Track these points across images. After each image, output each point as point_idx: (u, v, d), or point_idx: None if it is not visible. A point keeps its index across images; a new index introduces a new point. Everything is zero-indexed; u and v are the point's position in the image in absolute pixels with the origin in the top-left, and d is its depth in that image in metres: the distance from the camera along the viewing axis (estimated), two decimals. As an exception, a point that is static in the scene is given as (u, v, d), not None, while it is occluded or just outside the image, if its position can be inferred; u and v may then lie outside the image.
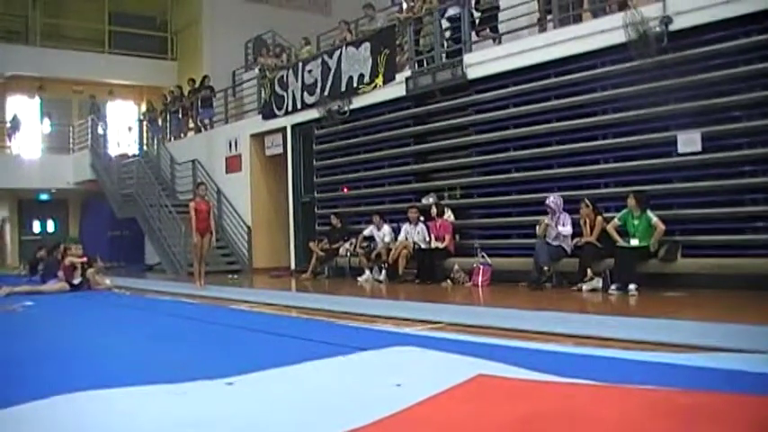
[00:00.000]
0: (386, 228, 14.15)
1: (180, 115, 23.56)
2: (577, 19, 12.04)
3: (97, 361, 5.48)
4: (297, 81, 17.27)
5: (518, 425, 2.98)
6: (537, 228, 11.18)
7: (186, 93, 23.22)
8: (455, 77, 13.27)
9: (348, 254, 14.96)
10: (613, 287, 9.79)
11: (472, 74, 13.05)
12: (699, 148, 10.06)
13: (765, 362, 4.27)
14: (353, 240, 14.90)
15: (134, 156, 24.11)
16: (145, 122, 25.35)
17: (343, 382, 4.16)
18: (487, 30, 13.51)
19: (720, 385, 3.56)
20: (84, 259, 13.70)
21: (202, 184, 15.03)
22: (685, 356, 4.63)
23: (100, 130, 24.94)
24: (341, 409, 3.44)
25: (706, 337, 5.40)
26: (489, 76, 12.82)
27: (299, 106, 17.29)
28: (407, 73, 14.38)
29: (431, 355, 4.84)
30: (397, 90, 14.58)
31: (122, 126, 26.49)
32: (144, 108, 26.25)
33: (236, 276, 17.08)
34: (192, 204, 14.00)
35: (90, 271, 13.64)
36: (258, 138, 19.32)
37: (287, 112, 17.75)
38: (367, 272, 14.11)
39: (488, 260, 12.07)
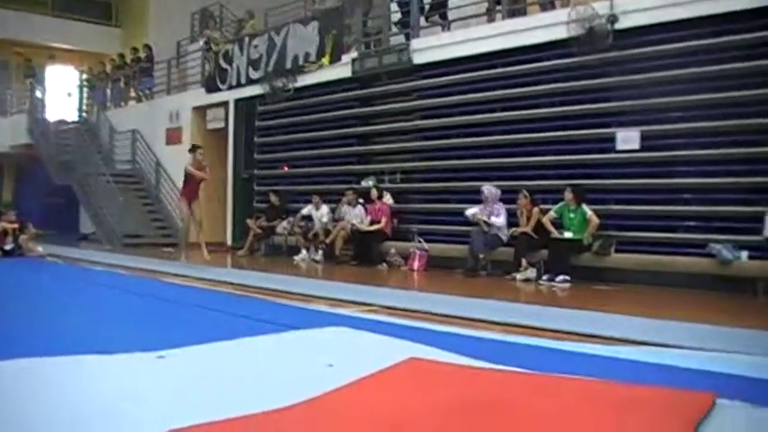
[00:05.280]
0: (324, 208, 14.02)
1: (122, 84, 23.06)
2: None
3: (27, 328, 5.34)
4: (242, 56, 16.99)
5: (448, 408, 2.96)
6: (466, 212, 11.23)
7: (129, 61, 22.75)
8: (401, 62, 13.18)
9: (285, 232, 14.82)
10: (546, 278, 9.87)
11: (419, 59, 12.98)
12: (637, 146, 10.15)
13: (690, 357, 4.33)
14: (291, 219, 14.76)
15: (73, 122, 23.53)
16: (85, 89, 24.80)
17: (275, 360, 4.12)
18: (437, 16, 13.46)
19: (646, 378, 3.59)
20: (17, 225, 13.37)
21: (200, 147, 13.47)
22: (613, 348, 4.67)
23: (38, 94, 24.34)
24: (272, 387, 3.40)
25: (634, 331, 5.46)
26: (436, 63, 12.75)
27: (243, 81, 17.01)
28: (354, 54, 14.26)
29: (364, 337, 4.82)
30: (342, 71, 14.43)
31: (62, 91, 25.82)
32: (85, 74, 25.67)
33: (171, 250, 16.81)
34: (192, 170, 12.65)
35: (23, 237, 13.32)
36: (200, 111, 18.96)
37: (230, 87, 17.46)
38: (303, 251, 14.00)
39: (425, 245, 12.07)
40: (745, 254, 9.05)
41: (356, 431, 2.80)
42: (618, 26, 10.31)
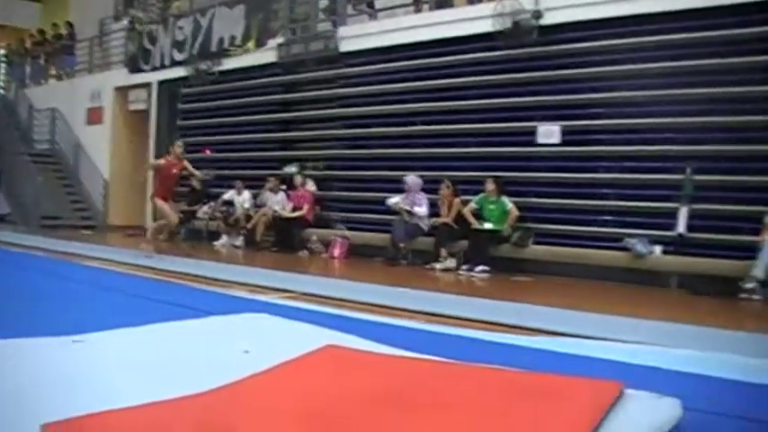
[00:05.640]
0: (246, 193, 13.84)
1: (42, 61, 22.40)
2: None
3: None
4: (167, 37, 16.65)
5: (364, 396, 2.92)
6: (388, 201, 11.24)
7: (49, 37, 22.11)
8: (328, 49, 13.05)
9: (206, 217, 14.60)
10: (466, 268, 9.92)
11: (345, 47, 12.87)
12: (557, 140, 10.28)
13: (602, 347, 4.38)
14: (213, 204, 14.54)
15: (-10, 99, 22.82)
16: (3, 65, 24.04)
17: (192, 346, 3.99)
18: (364, 4, 13.41)
19: (560, 367, 3.60)
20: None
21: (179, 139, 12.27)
22: (530, 339, 4.68)
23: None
24: (188, 372, 3.27)
25: (550, 322, 5.50)
26: (362, 51, 12.65)
27: (167, 63, 16.63)
28: (280, 40, 14.08)
29: (282, 324, 4.73)
30: (268, 56, 14.21)
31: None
32: (3, 49, 24.87)
33: (89, 232, 16.43)
34: (160, 161, 11.58)
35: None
36: (122, 91, 18.46)
37: (154, 68, 17.07)
38: (224, 237, 13.82)
39: (346, 233, 12.02)
40: (658, 248, 9.25)
41: (271, 417, 2.73)
42: (543, 22, 10.39)
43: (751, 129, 9.01)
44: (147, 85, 17.53)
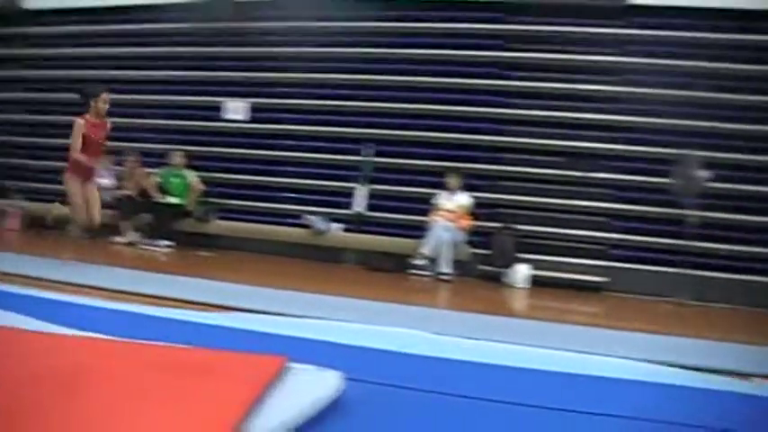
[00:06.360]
0: None
1: None
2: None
3: None
4: None
5: (23, 380, 2.72)
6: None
7: None
8: (9, 5, 12.11)
9: None
10: (148, 242, 9.66)
11: (29, 4, 12.04)
12: (244, 117, 10.33)
13: (267, 321, 4.41)
14: None
15: None
16: None
17: None
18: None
19: (226, 343, 3.59)
20: None
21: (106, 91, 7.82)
22: (200, 314, 4.62)
23: None
24: None
25: (222, 297, 5.52)
26: (49, 11, 11.87)
27: None
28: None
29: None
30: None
31: None
32: None
33: None
34: (80, 123, 7.60)
35: None
36: None
37: None
38: None
39: (23, 204, 11.25)
40: (337, 226, 9.57)
41: None
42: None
43: (427, 116, 9.58)
44: None
